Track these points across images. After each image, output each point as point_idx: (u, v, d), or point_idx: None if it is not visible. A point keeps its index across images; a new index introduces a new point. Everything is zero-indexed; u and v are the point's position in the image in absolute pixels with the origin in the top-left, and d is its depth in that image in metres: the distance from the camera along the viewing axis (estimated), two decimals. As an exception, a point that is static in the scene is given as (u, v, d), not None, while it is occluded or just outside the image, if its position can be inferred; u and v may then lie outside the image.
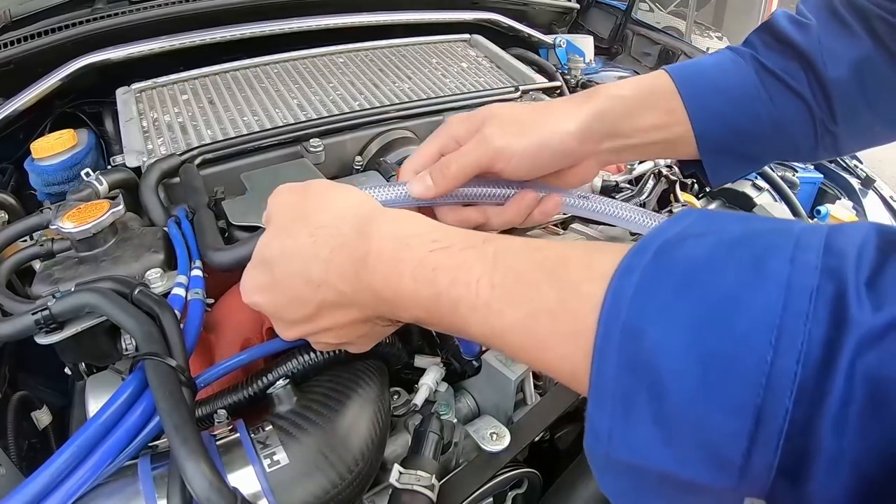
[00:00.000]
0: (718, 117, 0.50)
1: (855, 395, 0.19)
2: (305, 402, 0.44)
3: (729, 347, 0.21)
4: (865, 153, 1.22)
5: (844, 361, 0.19)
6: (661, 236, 0.25)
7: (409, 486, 0.44)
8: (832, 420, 0.19)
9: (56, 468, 0.34)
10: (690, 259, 0.24)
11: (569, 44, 1.16)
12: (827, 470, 0.19)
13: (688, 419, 0.22)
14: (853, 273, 0.20)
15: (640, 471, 0.24)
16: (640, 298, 0.24)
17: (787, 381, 0.20)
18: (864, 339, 0.19)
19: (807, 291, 0.20)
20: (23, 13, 0.87)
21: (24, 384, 0.71)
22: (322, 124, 0.75)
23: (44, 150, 0.69)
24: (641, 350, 0.23)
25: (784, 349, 0.20)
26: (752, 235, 0.24)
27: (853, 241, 0.21)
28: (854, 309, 0.20)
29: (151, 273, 0.48)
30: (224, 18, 0.92)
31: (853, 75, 0.49)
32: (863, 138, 0.54)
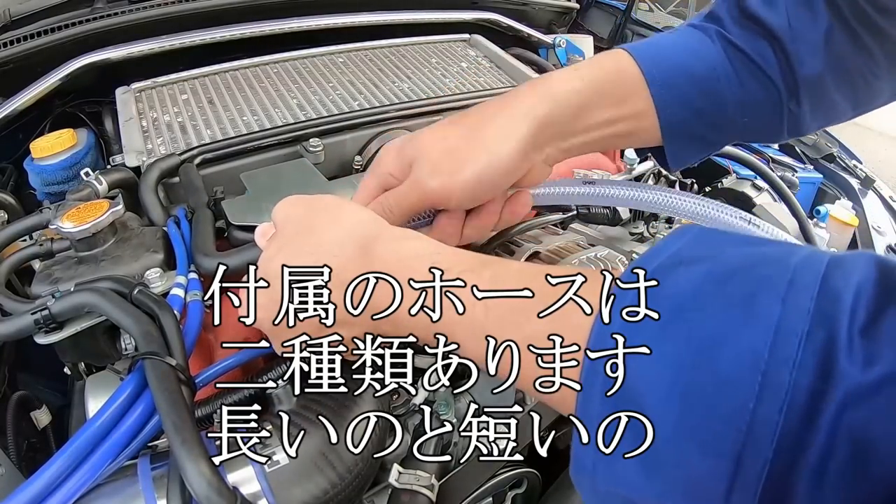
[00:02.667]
0: (684, 103, 0.47)
1: (836, 452, 0.18)
2: (305, 402, 0.44)
3: (711, 389, 0.21)
4: (865, 154, 1.22)
5: (829, 415, 0.18)
6: (653, 261, 0.25)
7: (409, 486, 0.44)
8: (811, 474, 0.18)
9: (56, 469, 0.34)
10: (678, 293, 0.23)
11: (568, 44, 1.16)
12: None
13: (669, 458, 0.21)
14: (846, 320, 0.19)
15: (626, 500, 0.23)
16: (627, 332, 0.23)
17: (769, 429, 0.19)
18: (850, 394, 0.18)
19: (796, 337, 0.20)
20: (22, 13, 0.87)
21: (23, 384, 0.71)
22: (322, 124, 0.74)
23: (43, 150, 0.69)
24: (625, 386, 0.23)
25: (768, 396, 0.19)
26: (746, 267, 0.23)
27: (851, 281, 0.20)
28: (843, 361, 0.19)
29: (151, 273, 0.48)
30: (224, 18, 0.92)
31: (819, 55, 0.47)
32: (826, 117, 0.52)
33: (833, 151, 1.15)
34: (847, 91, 0.50)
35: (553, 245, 0.67)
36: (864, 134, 4.10)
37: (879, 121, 4.24)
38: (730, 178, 0.97)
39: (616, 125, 0.47)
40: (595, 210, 0.78)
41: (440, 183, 0.43)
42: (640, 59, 0.47)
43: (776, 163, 1.07)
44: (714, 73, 0.47)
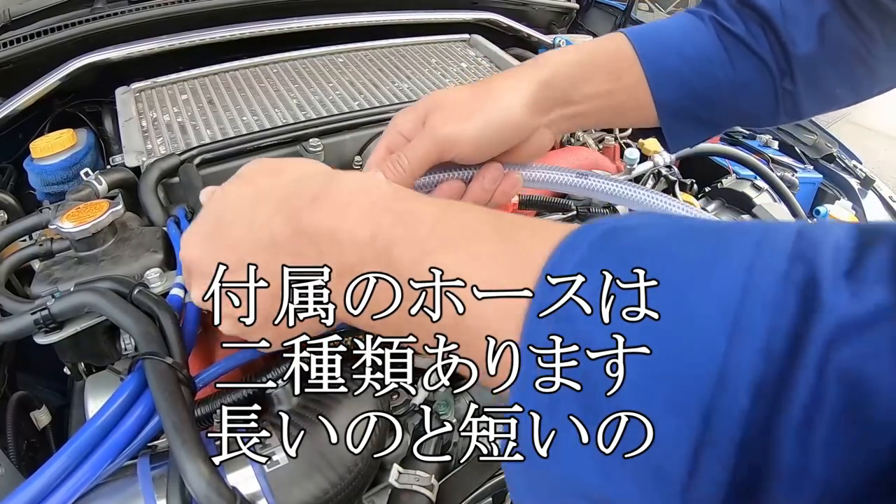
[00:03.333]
0: (678, 82, 0.49)
1: (826, 397, 0.15)
2: (304, 402, 0.44)
3: (674, 332, 0.18)
4: (865, 154, 1.22)
5: (814, 355, 0.16)
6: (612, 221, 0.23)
7: (409, 486, 0.44)
8: (798, 426, 0.16)
9: (56, 469, 0.34)
10: (641, 238, 0.21)
11: (568, 44, 1.16)
12: (788, 489, 0.16)
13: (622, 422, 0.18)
14: (829, 261, 0.17)
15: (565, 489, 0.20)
16: None
17: (746, 375, 0.16)
18: (840, 329, 0.16)
19: (774, 273, 0.17)
20: (22, 13, 0.87)
21: (23, 384, 0.71)
22: (321, 124, 0.74)
23: (43, 150, 0.69)
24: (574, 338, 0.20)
25: (742, 339, 0.17)
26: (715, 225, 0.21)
27: (829, 233, 0.18)
28: (829, 294, 0.16)
29: (150, 273, 0.48)
30: (224, 18, 0.92)
31: (814, 36, 0.48)
32: (824, 100, 0.53)
33: (833, 151, 1.15)
34: (846, 75, 0.51)
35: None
36: (864, 134, 4.10)
37: (879, 121, 4.24)
38: (730, 179, 0.97)
39: (614, 96, 0.49)
40: (595, 210, 0.78)
41: (452, 129, 0.45)
42: (634, 38, 0.49)
43: (776, 163, 1.07)
44: (705, 53, 0.49)
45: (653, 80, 0.48)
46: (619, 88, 0.49)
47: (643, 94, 0.49)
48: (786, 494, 0.16)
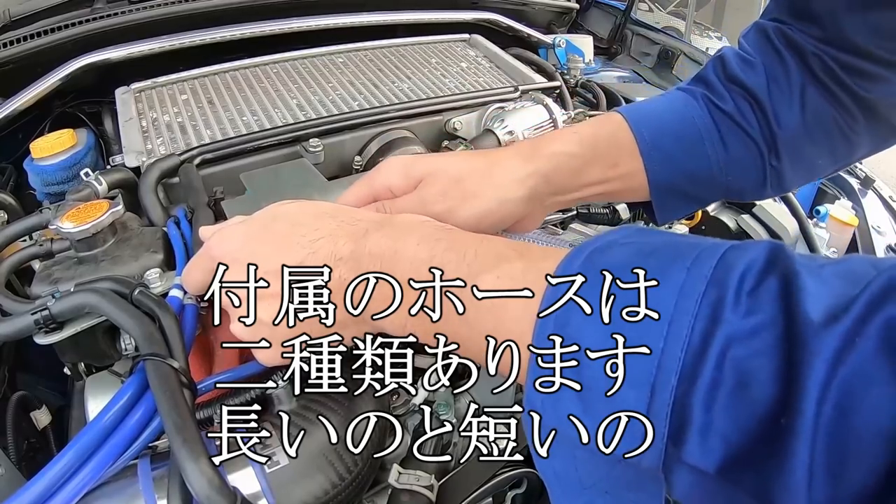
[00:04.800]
0: (671, 164, 0.52)
1: (723, 380, 0.23)
2: (305, 403, 0.44)
3: (634, 336, 0.26)
4: (865, 153, 1.22)
5: (716, 352, 0.24)
6: (593, 244, 0.30)
7: (409, 487, 0.44)
8: (703, 397, 0.23)
9: (59, 470, 0.34)
10: (611, 263, 0.28)
11: (568, 44, 1.16)
12: (699, 437, 0.24)
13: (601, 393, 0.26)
14: (735, 283, 0.25)
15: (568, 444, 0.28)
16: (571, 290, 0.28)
17: (673, 364, 0.24)
18: (734, 336, 0.23)
19: (695, 294, 0.25)
20: (22, 13, 0.87)
21: (23, 384, 0.71)
22: (321, 124, 0.75)
23: (43, 150, 0.69)
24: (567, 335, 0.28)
25: (673, 338, 0.25)
26: (665, 247, 0.28)
27: (745, 257, 0.26)
28: (728, 312, 0.24)
29: (150, 273, 0.48)
30: (224, 18, 0.92)
31: (795, 109, 0.51)
32: (807, 172, 0.56)
33: (833, 151, 1.15)
34: (826, 147, 0.53)
35: (552, 247, 0.67)
36: (863, 134, 4.09)
37: (879, 121, 4.22)
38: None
39: (609, 183, 0.51)
40: (595, 210, 0.78)
41: (446, 208, 0.46)
42: (633, 122, 0.51)
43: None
44: (699, 134, 0.52)
45: (649, 165, 0.51)
46: (615, 176, 0.51)
47: (638, 178, 0.52)
48: (698, 440, 0.24)
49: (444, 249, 0.35)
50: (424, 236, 0.36)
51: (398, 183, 0.47)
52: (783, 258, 0.25)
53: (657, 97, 0.56)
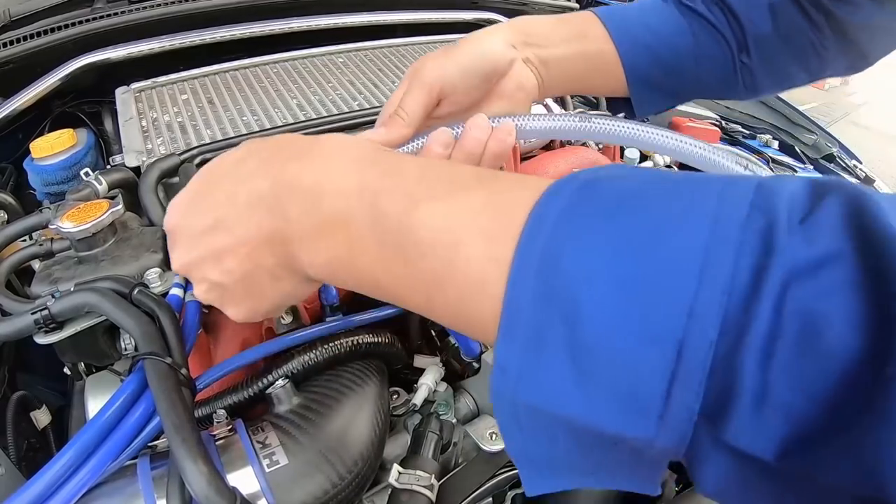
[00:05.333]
0: (644, 49, 0.53)
1: (784, 329, 0.17)
2: (305, 402, 0.44)
3: (651, 274, 0.20)
4: (865, 154, 1.22)
5: (774, 292, 0.18)
6: (592, 173, 0.24)
7: (409, 486, 0.44)
8: (759, 354, 0.18)
9: (58, 469, 0.34)
10: (619, 188, 0.23)
11: (568, 44, 1.16)
12: (752, 411, 0.18)
13: (604, 353, 0.20)
14: (785, 210, 0.19)
15: (548, 419, 0.22)
16: (563, 221, 0.22)
17: (713, 311, 0.18)
18: (795, 270, 0.18)
19: (736, 221, 0.19)
20: (22, 13, 0.87)
21: (23, 384, 0.71)
22: (322, 124, 0.74)
23: (43, 150, 0.69)
24: (560, 275, 0.21)
25: (710, 278, 0.19)
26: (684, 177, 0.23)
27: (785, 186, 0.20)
28: (784, 240, 0.18)
29: (150, 273, 0.48)
30: (224, 18, 0.92)
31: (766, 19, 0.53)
32: (779, 77, 0.58)
33: (833, 151, 1.15)
34: (798, 57, 0.56)
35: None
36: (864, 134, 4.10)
37: (879, 121, 4.23)
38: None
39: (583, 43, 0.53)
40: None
41: (435, 65, 0.48)
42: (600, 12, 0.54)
43: (776, 163, 1.07)
44: (668, 25, 0.54)
45: (620, 45, 0.53)
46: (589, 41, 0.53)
47: (611, 53, 0.53)
48: (750, 414, 0.18)
49: (380, 174, 0.29)
50: (356, 159, 0.31)
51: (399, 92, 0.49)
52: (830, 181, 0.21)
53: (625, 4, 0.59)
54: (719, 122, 1.22)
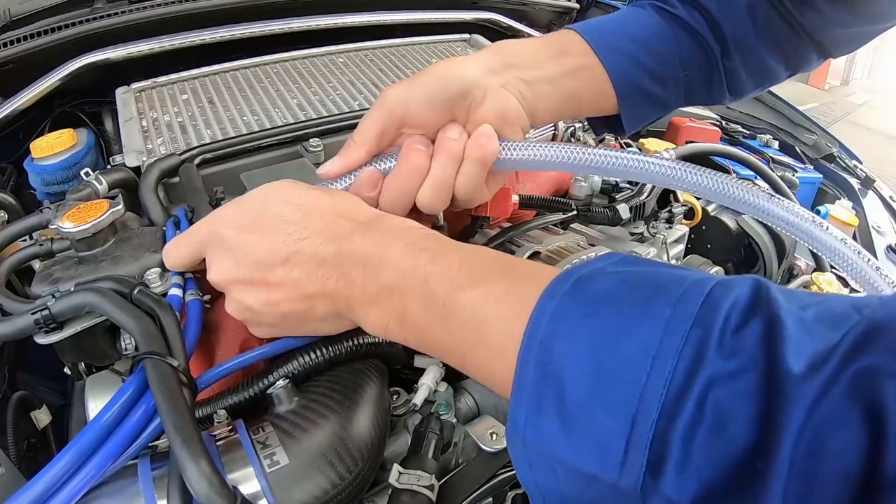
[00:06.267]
0: (629, 58, 0.53)
1: (703, 419, 0.24)
2: (305, 403, 0.44)
3: (616, 366, 0.27)
4: (865, 154, 1.23)
5: (698, 391, 0.24)
6: (581, 270, 0.31)
7: (409, 486, 0.44)
8: (683, 434, 0.24)
9: (59, 469, 0.34)
10: (597, 292, 0.30)
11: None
12: (676, 471, 0.24)
13: (581, 416, 0.27)
14: (720, 323, 0.25)
15: (547, 457, 0.29)
16: (555, 321, 0.29)
17: (656, 398, 0.25)
18: (714, 377, 0.24)
19: (680, 333, 0.26)
20: (22, 12, 0.87)
21: (23, 384, 0.71)
22: (322, 124, 0.74)
23: (43, 150, 0.69)
24: (551, 361, 0.29)
25: (655, 374, 0.25)
26: (651, 279, 0.29)
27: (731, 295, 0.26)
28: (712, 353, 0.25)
29: (151, 273, 0.48)
30: (224, 18, 0.92)
31: (744, 21, 0.55)
32: (763, 76, 0.59)
33: (833, 151, 1.15)
34: (777, 55, 0.57)
35: (553, 245, 0.67)
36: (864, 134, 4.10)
37: (879, 121, 4.24)
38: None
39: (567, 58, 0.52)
40: (595, 210, 0.78)
41: (399, 89, 0.48)
42: (580, 28, 0.54)
43: (776, 163, 1.07)
44: (651, 32, 0.55)
45: (603, 56, 0.53)
46: (571, 56, 0.53)
47: (595, 66, 0.53)
48: (675, 474, 0.24)
49: (428, 261, 0.37)
50: (409, 244, 0.38)
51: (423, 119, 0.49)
52: (767, 299, 0.26)
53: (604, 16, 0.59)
54: (719, 122, 1.22)
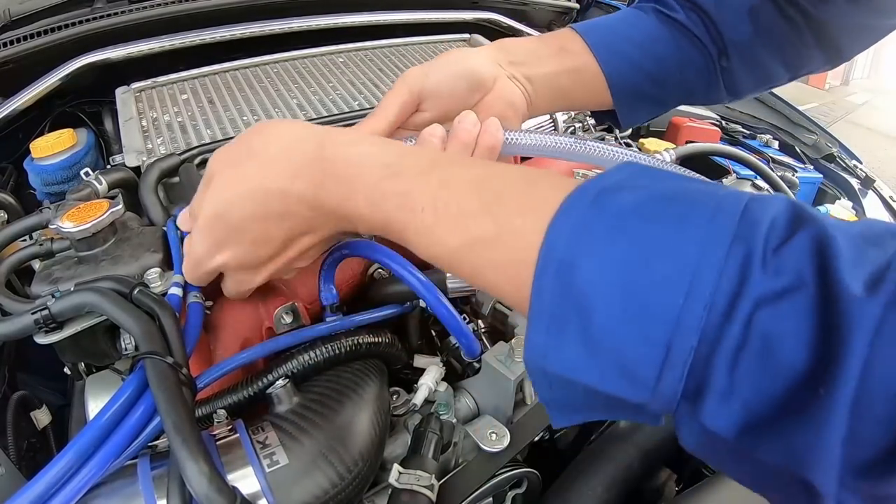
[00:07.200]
0: (626, 59, 0.55)
1: (748, 343, 0.22)
2: (305, 402, 0.44)
3: (648, 287, 0.24)
4: (865, 153, 1.22)
5: (743, 314, 0.22)
6: (600, 183, 0.28)
7: (409, 486, 0.44)
8: (727, 361, 0.22)
9: (59, 470, 0.34)
10: (623, 207, 0.26)
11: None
12: (718, 401, 0.23)
13: (609, 343, 0.25)
14: (762, 240, 0.23)
15: (569, 383, 0.27)
16: (577, 237, 0.27)
17: (695, 322, 0.23)
18: (762, 298, 0.22)
19: (720, 249, 0.23)
20: (22, 12, 0.87)
21: (23, 384, 0.71)
22: (322, 124, 0.74)
23: (43, 150, 0.69)
24: (574, 281, 0.26)
25: (695, 296, 0.23)
26: (681, 193, 0.26)
27: (768, 211, 0.24)
28: (757, 272, 0.23)
29: (150, 273, 0.48)
30: (224, 18, 0.92)
31: (745, 22, 0.55)
32: (761, 78, 0.59)
33: (833, 151, 1.15)
34: (777, 56, 0.57)
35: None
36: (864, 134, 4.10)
37: (879, 121, 4.24)
38: (730, 178, 0.97)
39: (566, 58, 0.54)
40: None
41: (420, 67, 0.50)
42: (580, 29, 0.55)
43: (776, 163, 1.07)
44: (650, 35, 0.55)
45: (600, 57, 0.54)
46: (570, 56, 0.54)
47: (592, 66, 0.54)
48: (717, 404, 0.23)
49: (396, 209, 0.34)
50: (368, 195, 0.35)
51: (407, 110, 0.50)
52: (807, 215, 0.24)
53: (605, 16, 0.59)
54: (719, 121, 1.22)
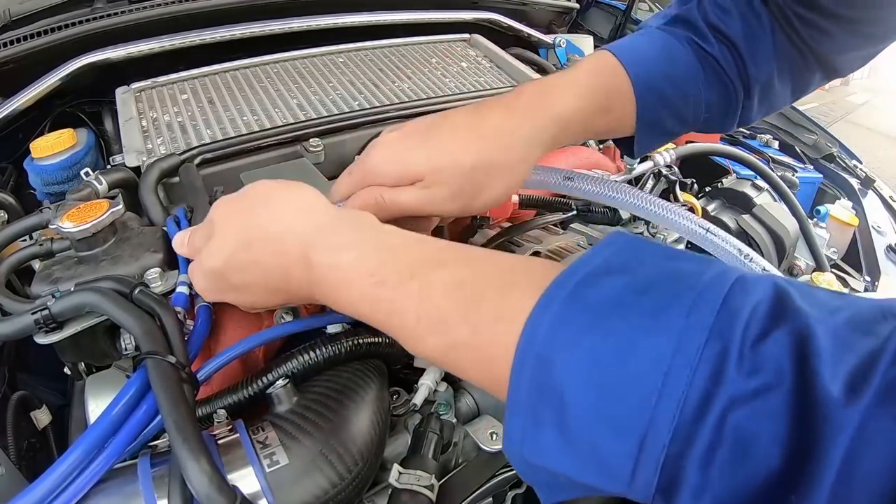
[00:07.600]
0: (662, 103, 0.54)
1: (722, 441, 0.22)
2: (305, 402, 0.44)
3: (623, 384, 0.24)
4: (865, 154, 1.22)
5: (716, 413, 0.22)
6: (581, 270, 0.28)
7: (409, 486, 0.44)
8: (699, 459, 0.22)
9: (64, 470, 0.34)
10: (601, 300, 0.26)
11: (568, 44, 1.16)
12: (691, 498, 0.22)
13: (585, 437, 0.25)
14: (739, 336, 0.23)
15: (549, 471, 0.27)
16: (553, 332, 0.27)
17: (667, 420, 0.22)
18: (735, 397, 0.22)
19: (696, 346, 0.23)
20: (22, 12, 0.87)
21: (23, 384, 0.71)
22: (322, 124, 0.75)
23: (43, 150, 0.69)
24: (550, 375, 0.26)
25: (668, 394, 0.23)
26: (661, 281, 0.26)
27: (750, 301, 0.24)
28: (732, 370, 0.22)
29: (151, 273, 0.48)
30: (224, 18, 0.92)
31: (770, 59, 0.55)
32: (769, 108, 0.60)
33: (833, 151, 1.15)
34: (788, 86, 0.58)
35: (553, 245, 0.67)
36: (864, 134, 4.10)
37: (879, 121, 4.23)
38: (730, 178, 0.97)
39: (601, 128, 0.54)
40: (595, 210, 0.78)
41: (460, 207, 0.47)
42: (629, 65, 0.52)
43: (776, 163, 1.07)
44: (686, 74, 0.55)
45: (641, 106, 0.53)
46: (610, 120, 0.53)
47: (628, 120, 0.54)
48: (690, 499, 0.22)
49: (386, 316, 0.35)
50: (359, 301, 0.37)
51: (392, 179, 0.47)
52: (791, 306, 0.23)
53: (641, 35, 0.58)
54: (719, 122, 1.22)
